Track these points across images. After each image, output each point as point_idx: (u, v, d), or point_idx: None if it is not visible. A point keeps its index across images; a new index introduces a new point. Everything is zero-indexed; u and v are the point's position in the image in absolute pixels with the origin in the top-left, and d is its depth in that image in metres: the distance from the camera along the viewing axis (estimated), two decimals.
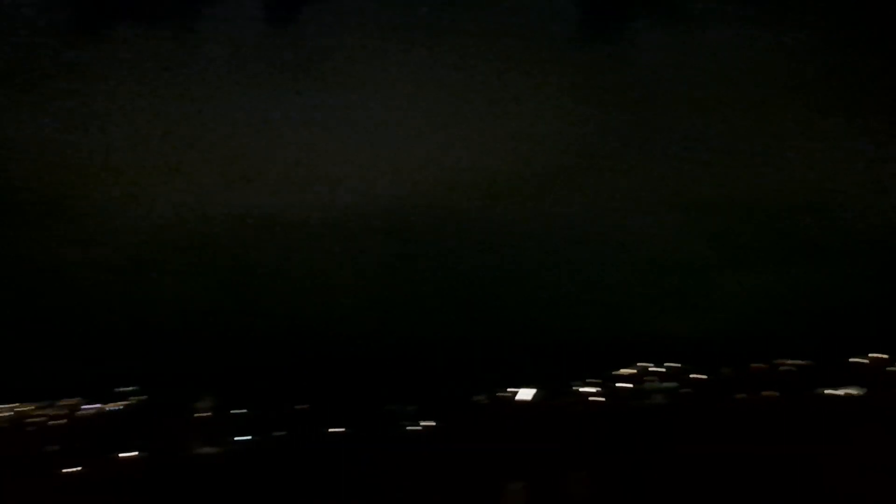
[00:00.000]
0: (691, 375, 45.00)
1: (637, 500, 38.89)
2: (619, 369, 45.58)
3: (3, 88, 41.53)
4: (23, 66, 41.79)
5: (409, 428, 43.72)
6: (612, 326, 44.20)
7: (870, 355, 43.79)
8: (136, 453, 41.07)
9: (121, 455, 41.12)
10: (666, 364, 45.72)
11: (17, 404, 41.53)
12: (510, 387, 45.47)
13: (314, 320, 44.15)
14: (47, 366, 41.73)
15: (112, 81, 42.88)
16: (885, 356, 43.53)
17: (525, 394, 45.46)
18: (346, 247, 44.40)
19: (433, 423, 44.01)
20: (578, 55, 45.75)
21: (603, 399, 45.52)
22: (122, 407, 42.52)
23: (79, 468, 40.34)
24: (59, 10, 42.44)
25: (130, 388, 42.60)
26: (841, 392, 42.62)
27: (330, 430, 43.19)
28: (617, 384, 45.77)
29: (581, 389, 45.51)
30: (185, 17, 43.65)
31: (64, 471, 40.11)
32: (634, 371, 46.07)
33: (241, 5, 44.60)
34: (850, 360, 43.66)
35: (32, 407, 41.77)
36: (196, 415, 42.85)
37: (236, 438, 42.28)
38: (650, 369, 45.86)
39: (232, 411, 43.08)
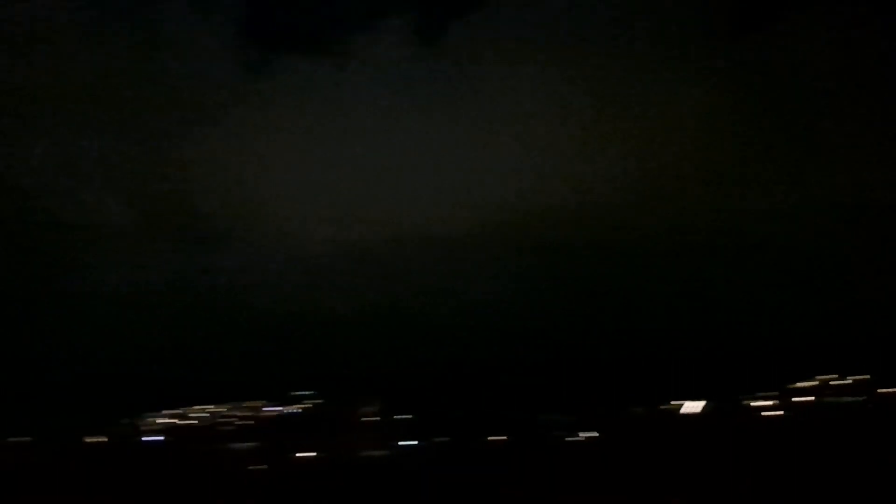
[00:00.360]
0: (879, 390, 40.67)
1: None
2: (795, 382, 42.19)
3: (185, 120, 46.48)
4: (201, 98, 46.49)
5: (568, 438, 43.37)
6: (779, 334, 40.98)
7: None
8: (313, 453, 44.06)
9: (299, 455, 44.31)
10: (851, 376, 41.64)
11: (212, 406, 46.28)
12: (675, 399, 43.64)
13: (474, 331, 45.11)
14: (237, 371, 46.20)
15: (280, 108, 46.56)
16: None
17: (691, 406, 43.40)
18: (502, 258, 45.06)
19: (593, 434, 43.34)
20: (722, 54, 43.03)
21: (780, 412, 42.38)
22: (299, 410, 45.87)
23: (263, 466, 44.05)
24: (230, 46, 46.82)
25: (307, 392, 45.91)
26: None
27: (489, 437, 43.84)
28: (795, 398, 42.40)
29: (753, 403, 42.67)
30: (342, 45, 46.65)
31: (251, 467, 44.04)
32: (815, 383, 42.40)
33: (393, 32, 46.79)
34: None
35: (224, 408, 46.30)
36: (364, 419, 45.29)
37: (401, 443, 44.11)
38: (832, 382, 42.00)
39: (397, 416, 45.04)
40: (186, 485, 43.03)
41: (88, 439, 45.99)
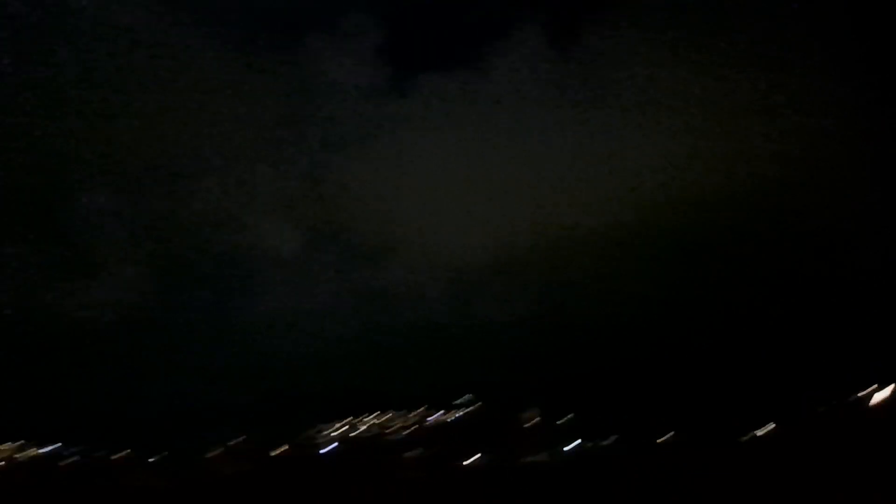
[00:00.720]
0: None
1: None
2: None
3: (335, 146, 48.41)
4: (347, 124, 48.28)
5: (742, 437, 40.67)
6: None
7: None
8: (477, 459, 43.99)
9: (465, 462, 44.37)
10: None
11: (377, 413, 47.47)
12: (864, 387, 39.62)
13: (633, 328, 43.59)
14: (400, 380, 47.22)
15: (421, 125, 47.52)
16: None
17: (883, 394, 39.19)
18: (653, 256, 43.43)
19: (770, 428, 40.36)
20: (855, 54, 39.26)
21: None
22: (461, 416, 45.98)
23: (430, 473, 44.47)
24: (370, 71, 48.36)
25: (467, 399, 45.96)
26: None
27: (657, 438, 42.01)
28: None
29: None
30: (476, 57, 47.12)
31: (415, 474, 44.59)
32: None
33: (526, 38, 46.55)
34: None
35: (389, 416, 47.33)
36: (526, 423, 44.66)
37: (564, 447, 43.12)
38: None
39: (559, 419, 44.11)
40: (363, 493, 44.19)
41: (273, 452, 48.32)
